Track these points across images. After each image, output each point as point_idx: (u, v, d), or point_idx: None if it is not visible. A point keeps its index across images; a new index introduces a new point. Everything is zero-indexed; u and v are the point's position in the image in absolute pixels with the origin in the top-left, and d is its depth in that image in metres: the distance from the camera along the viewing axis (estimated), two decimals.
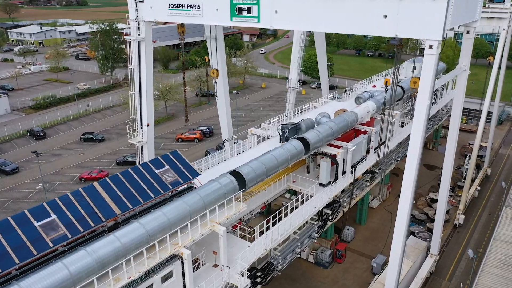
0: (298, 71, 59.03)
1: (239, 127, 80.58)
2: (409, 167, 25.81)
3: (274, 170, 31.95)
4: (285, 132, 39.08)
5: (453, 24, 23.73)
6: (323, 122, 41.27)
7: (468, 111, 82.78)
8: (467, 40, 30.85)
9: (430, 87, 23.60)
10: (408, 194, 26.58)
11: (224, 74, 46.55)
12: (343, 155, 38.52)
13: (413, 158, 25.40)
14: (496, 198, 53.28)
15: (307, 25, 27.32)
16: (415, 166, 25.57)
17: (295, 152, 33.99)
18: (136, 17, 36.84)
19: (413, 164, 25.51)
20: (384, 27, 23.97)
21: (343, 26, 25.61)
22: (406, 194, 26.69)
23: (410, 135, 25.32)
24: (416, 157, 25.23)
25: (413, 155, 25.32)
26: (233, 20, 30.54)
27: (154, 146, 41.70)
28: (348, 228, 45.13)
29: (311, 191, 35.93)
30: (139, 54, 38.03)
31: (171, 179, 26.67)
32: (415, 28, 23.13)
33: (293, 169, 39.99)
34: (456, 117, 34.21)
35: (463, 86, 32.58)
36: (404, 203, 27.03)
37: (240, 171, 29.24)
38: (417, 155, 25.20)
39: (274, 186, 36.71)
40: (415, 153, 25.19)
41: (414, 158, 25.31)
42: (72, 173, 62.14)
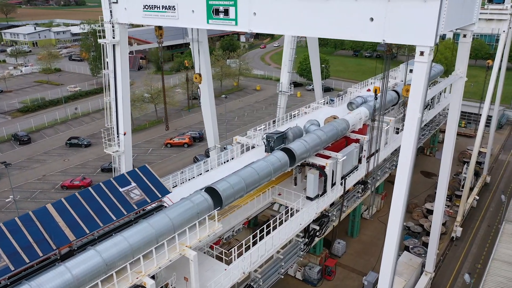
0: (290, 74, 56.79)
1: (231, 131, 78.27)
2: (398, 186, 23.43)
3: (255, 185, 29.55)
4: (270, 141, 36.67)
5: (447, 28, 21.32)
6: (311, 130, 38.83)
7: (467, 115, 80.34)
8: (464, 44, 28.42)
9: (421, 99, 21.18)
10: (397, 215, 24.17)
11: (209, 78, 44.24)
12: (332, 166, 36.11)
13: (403, 176, 23.05)
14: (495, 208, 50.86)
15: (287, 29, 24.96)
16: (405, 186, 23.22)
17: (279, 164, 31.58)
18: (110, 19, 34.53)
19: (403, 183, 23.15)
20: (370, 32, 21.58)
21: (326, 30, 23.22)
22: (395, 215, 24.26)
23: (400, 150, 22.90)
24: (406, 175, 22.89)
25: (403, 173, 22.96)
26: (209, 23, 28.22)
27: (143, 151, 39.53)
28: (339, 242, 42.70)
29: (297, 205, 33.52)
30: (114, 58, 35.68)
31: (138, 198, 24.25)
32: (404, 33, 20.73)
33: (279, 181, 37.59)
34: (452, 128, 31.79)
35: (459, 94, 30.16)
36: (394, 226, 24.60)
37: (215, 187, 26.82)
38: (407, 173, 22.85)
39: (258, 200, 34.27)
40: (405, 171, 22.83)
41: (404, 176, 22.96)
42: (54, 180, 59.71)
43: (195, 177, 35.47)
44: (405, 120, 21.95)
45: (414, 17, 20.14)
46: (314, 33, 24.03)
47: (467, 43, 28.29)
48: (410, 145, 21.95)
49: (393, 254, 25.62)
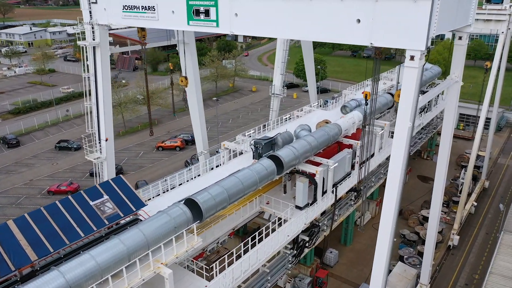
0: (283, 76, 55.22)
1: (225, 133, 76.80)
2: (388, 203, 21.88)
3: (239, 195, 27.98)
4: (258, 148, 35.09)
5: (439, 31, 19.76)
6: (302, 136, 37.25)
7: (465, 117, 78.82)
8: (459, 47, 26.84)
9: (412, 106, 19.62)
10: (387, 233, 22.60)
11: (197, 82, 42.66)
12: (323, 174, 34.55)
13: (392, 191, 21.48)
14: (494, 215, 49.27)
15: (270, 31, 23.36)
16: (395, 202, 21.62)
17: (265, 173, 30.00)
18: (90, 20, 33.00)
19: (392, 199, 21.56)
20: (357, 34, 20.02)
21: (310, 32, 21.64)
22: (385, 233, 22.70)
23: (389, 163, 21.35)
24: (395, 190, 21.32)
25: (393, 188, 21.40)
26: (190, 24, 26.68)
27: (133, 155, 38.07)
28: (331, 251, 41.12)
29: (285, 215, 31.97)
30: (94, 61, 34.14)
31: (110, 212, 22.69)
32: (393, 36, 19.17)
33: (267, 189, 36.06)
34: (448, 134, 30.21)
35: (455, 99, 28.58)
36: (383, 243, 23.01)
37: (195, 199, 25.26)
38: (396, 188, 21.29)
39: (244, 209, 32.70)
40: (395, 186, 21.27)
41: (394, 191, 21.38)
42: (41, 185, 58.15)
43: (180, 184, 33.91)
44: (395, 129, 20.39)
45: (404, 18, 18.60)
46: (298, 36, 22.49)
47: (462, 45, 26.71)
48: (400, 157, 20.41)
49: (383, 268, 24.10)
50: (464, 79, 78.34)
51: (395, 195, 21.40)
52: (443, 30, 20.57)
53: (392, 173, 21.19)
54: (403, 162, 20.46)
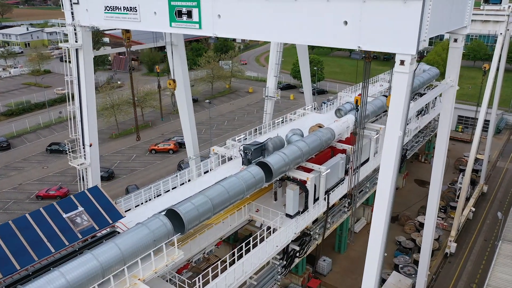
0: (276, 78, 53.95)
1: (220, 136, 75.55)
2: (377, 218, 20.69)
3: (224, 205, 26.72)
4: (248, 153, 33.86)
5: (432, 33, 18.54)
6: (293, 141, 36.03)
7: (464, 119, 77.61)
8: (455, 50, 25.56)
9: (402, 115, 18.37)
10: (376, 251, 21.33)
11: (186, 85, 41.55)
12: (314, 181, 33.33)
13: (382, 207, 20.23)
14: (492, 220, 48.04)
15: (254, 33, 22.11)
16: (385, 217, 20.41)
17: (253, 181, 28.75)
18: (72, 21, 31.81)
19: (382, 213, 20.34)
20: (344, 37, 18.78)
21: (295, 34, 20.41)
22: (374, 251, 21.44)
23: (379, 175, 20.10)
24: (385, 206, 20.09)
25: (382, 204, 20.17)
26: (172, 26, 25.45)
27: (126, 158, 36.92)
28: (324, 259, 39.87)
29: (274, 224, 30.77)
30: (77, 64, 32.95)
31: (84, 225, 21.46)
32: (382, 39, 17.94)
33: (257, 196, 34.83)
34: (443, 141, 28.95)
35: (450, 105, 27.30)
36: (373, 259, 21.79)
37: (177, 209, 24.01)
38: (386, 204, 20.06)
39: (232, 218, 31.48)
40: (385, 201, 20.03)
41: (384, 207, 20.14)
42: (30, 189, 56.96)
43: (166, 191, 32.68)
44: (384, 139, 19.14)
45: (393, 20, 17.37)
46: (282, 38, 21.26)
47: (458, 48, 25.41)
48: (389, 169, 19.15)
49: (373, 280, 22.85)
50: (463, 80, 77.56)
51: (385, 211, 20.21)
52: (436, 32, 19.33)
53: (381, 187, 19.96)
54: (393, 174, 19.20)
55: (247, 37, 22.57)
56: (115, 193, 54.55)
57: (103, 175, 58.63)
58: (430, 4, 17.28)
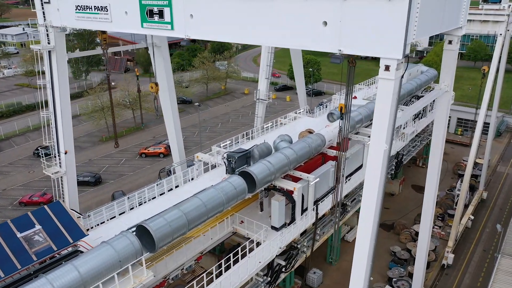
0: (268, 81, 52.05)
1: (213, 138, 73.63)
2: (362, 238, 18.71)
3: (201, 219, 24.84)
4: (232, 161, 31.95)
5: (421, 35, 16.64)
6: (281, 148, 34.14)
7: (463, 122, 75.58)
8: (449, 52, 23.65)
9: (388, 126, 16.45)
10: (361, 271, 19.37)
11: (171, 88, 39.61)
12: (302, 190, 31.43)
13: (366, 226, 18.30)
14: (492, 229, 46.06)
15: (228, 35, 20.22)
16: (369, 238, 18.45)
17: (234, 193, 26.85)
18: (44, 21, 29.97)
19: (366, 234, 18.39)
20: (324, 39, 16.89)
21: (270, 36, 18.52)
22: (359, 272, 19.48)
23: (363, 192, 18.17)
24: (370, 226, 18.14)
25: (366, 224, 18.23)
26: (144, 26, 23.59)
27: (115, 162, 35.11)
28: (315, 272, 37.92)
29: (258, 237, 28.88)
30: (50, 66, 31.09)
31: (41, 245, 19.57)
32: (365, 42, 16.05)
33: (242, 206, 32.98)
34: (438, 148, 27.08)
35: (445, 112, 25.38)
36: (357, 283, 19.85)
37: (147, 226, 22.13)
38: (371, 223, 18.09)
39: (213, 231, 29.59)
40: (369, 221, 18.10)
41: (368, 227, 18.20)
42: (14, 195, 55.11)
43: (141, 204, 30.81)
44: (368, 152, 17.23)
45: (376, 21, 15.48)
46: (258, 41, 19.36)
47: (453, 50, 23.51)
48: (374, 187, 17.22)
49: None
50: (463, 81, 75.05)
51: (369, 231, 18.22)
52: (426, 34, 17.43)
53: (365, 208, 18.01)
54: (378, 193, 17.27)
55: (221, 39, 20.65)
56: (101, 199, 52.76)
57: (89, 180, 56.93)
58: (418, 3, 15.38)
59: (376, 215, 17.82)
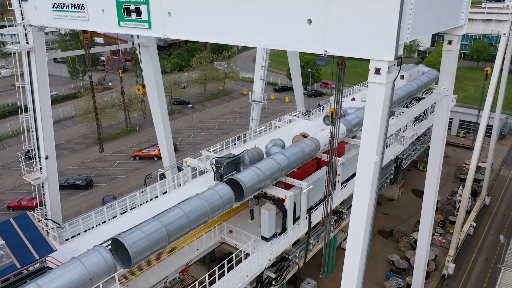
0: (263, 82, 50.52)
1: (209, 140, 72.06)
2: (349, 265, 17.12)
3: (183, 231, 23.30)
4: (220, 168, 30.36)
5: (416, 34, 15.02)
6: (272, 153, 32.56)
7: (466, 124, 73.75)
8: (449, 53, 21.99)
9: (379, 135, 14.84)
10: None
11: (160, 90, 38.03)
12: (294, 198, 29.84)
13: (355, 244, 16.70)
14: (495, 236, 44.32)
15: (207, 35, 18.63)
16: (358, 264, 16.85)
17: (219, 202, 25.28)
18: (22, 20, 28.48)
19: (355, 261, 16.78)
20: (308, 39, 15.31)
21: (254, 36, 16.94)
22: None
23: (352, 209, 16.58)
24: (359, 244, 16.52)
25: (356, 242, 16.62)
26: (121, 25, 22.05)
27: (108, 164, 33.66)
28: (309, 282, 36.29)
29: (246, 248, 27.29)
30: (29, 67, 29.61)
31: (4, 262, 18.03)
32: (352, 42, 14.44)
33: (232, 215, 31.42)
34: (437, 155, 25.40)
35: (444, 117, 23.71)
36: None
37: (122, 240, 20.58)
38: (361, 242, 16.49)
39: (200, 241, 28.02)
40: (359, 240, 16.49)
41: (357, 245, 16.59)
42: (3, 199, 53.73)
43: (123, 213, 29.25)
44: (357, 165, 15.63)
45: (365, 18, 13.88)
46: (238, 40, 17.77)
47: (453, 51, 21.84)
48: (364, 203, 15.61)
49: None
50: (465, 82, 72.58)
51: (358, 256, 16.62)
52: (421, 33, 15.80)
53: (354, 227, 16.42)
54: (368, 210, 15.65)
55: (200, 38, 19.09)
56: (92, 203, 51.27)
57: (80, 183, 55.49)
58: None
59: (366, 237, 16.24)
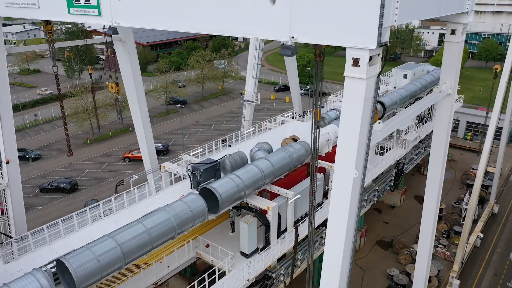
0: (256, 80, 47.53)
1: (204, 142, 68.96)
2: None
3: (143, 251, 20.28)
4: (197, 175, 27.32)
5: (406, 17, 11.89)
6: (257, 158, 29.50)
7: (473, 126, 70.08)
8: (452, 45, 18.71)
9: (358, 145, 11.70)
10: None
11: (139, 89, 35.14)
12: (279, 209, 26.74)
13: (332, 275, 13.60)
14: (504, 249, 40.87)
15: (161, 22, 15.61)
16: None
17: (189, 216, 22.26)
18: None
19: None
20: (272, 23, 12.22)
21: (211, 23, 13.88)
22: None
23: (325, 239, 13.50)
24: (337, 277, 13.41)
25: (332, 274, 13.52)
26: (71, 12, 19.08)
27: (96, 166, 30.95)
28: None
29: (222, 266, 24.25)
30: None
31: None
32: (325, 26, 11.30)
33: (210, 226, 28.42)
34: (438, 165, 22.20)
35: (447, 119, 20.46)
36: None
37: (67, 263, 17.62)
38: (338, 271, 13.39)
39: (171, 257, 25.00)
40: (336, 267, 13.39)
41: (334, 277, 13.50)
42: None
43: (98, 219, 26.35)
44: (333, 183, 12.51)
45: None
46: (195, 28, 14.71)
47: (457, 43, 18.57)
48: (341, 232, 12.49)
49: None
50: (474, 82, 67.97)
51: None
52: (414, 17, 12.65)
53: (329, 260, 13.33)
54: (346, 240, 12.53)
55: (153, 26, 16.07)
56: (75, 207, 48.38)
57: (64, 187, 52.79)
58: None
59: (343, 278, 13.10)
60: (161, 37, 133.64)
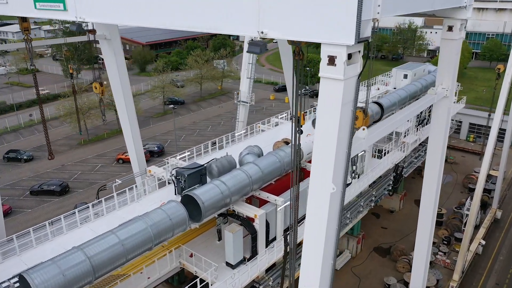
0: (250, 81, 46.06)
1: (200, 143, 67.59)
2: None
3: (116, 264, 18.88)
4: (181, 180, 25.94)
5: (392, 9, 10.44)
6: (245, 162, 28.10)
7: (476, 127, 68.35)
8: (450, 43, 17.22)
9: (335, 153, 10.25)
10: None
11: (126, 89, 33.75)
12: (267, 217, 25.31)
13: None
14: (507, 256, 39.27)
15: (126, 17, 14.21)
16: None
17: (168, 225, 20.85)
18: None
19: None
20: (239, 17, 10.78)
21: (176, 18, 12.48)
22: None
23: (302, 254, 12.03)
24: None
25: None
26: (37, 7, 17.71)
27: (89, 168, 29.72)
28: None
29: (205, 277, 22.88)
30: None
31: None
32: (297, 19, 9.85)
33: (195, 235, 27.03)
34: (435, 169, 20.69)
35: (444, 123, 18.98)
36: None
37: (29, 278, 16.25)
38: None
39: (151, 268, 23.63)
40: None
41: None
42: None
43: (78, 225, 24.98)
44: (308, 198, 11.07)
45: None
46: (159, 23, 13.28)
47: (454, 40, 17.07)
48: (316, 254, 11.03)
49: None
50: (477, 83, 65.89)
51: None
52: (403, 9, 11.16)
53: (305, 271, 11.84)
54: (323, 261, 11.05)
55: (118, 21, 14.74)
56: (65, 211, 46.86)
57: (54, 189, 51.52)
58: None
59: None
60: (161, 36, 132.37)
